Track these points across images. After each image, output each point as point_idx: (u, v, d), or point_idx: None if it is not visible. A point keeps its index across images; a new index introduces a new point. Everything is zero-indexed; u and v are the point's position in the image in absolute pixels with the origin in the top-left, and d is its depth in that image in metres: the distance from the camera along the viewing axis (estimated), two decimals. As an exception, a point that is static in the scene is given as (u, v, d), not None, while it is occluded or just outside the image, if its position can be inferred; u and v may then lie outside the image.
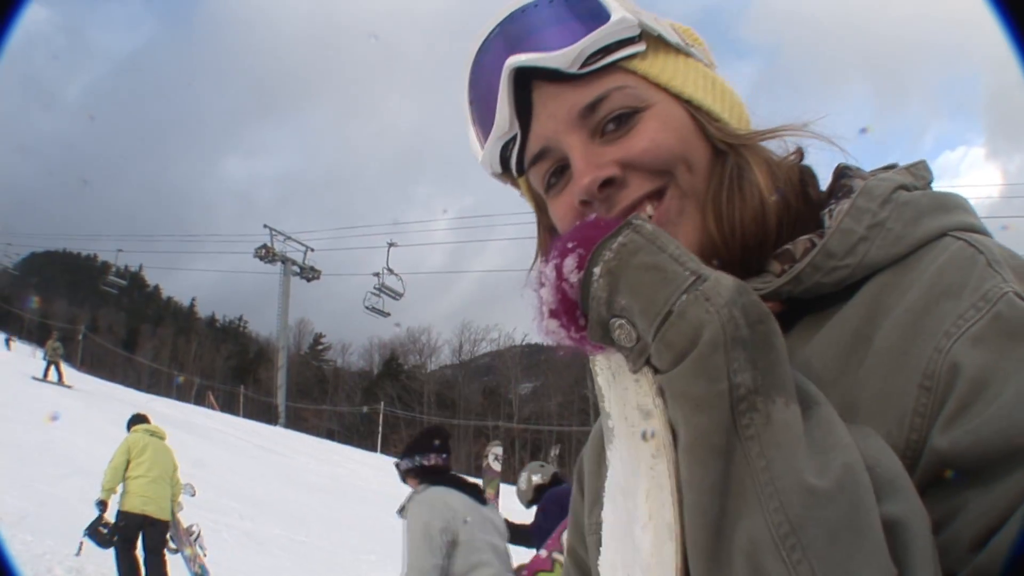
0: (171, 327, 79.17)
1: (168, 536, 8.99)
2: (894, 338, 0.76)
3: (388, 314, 44.47)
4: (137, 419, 9.65)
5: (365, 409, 55.82)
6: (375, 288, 42.92)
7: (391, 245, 43.49)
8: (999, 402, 0.69)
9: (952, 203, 0.86)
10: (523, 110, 0.89)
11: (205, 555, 9.17)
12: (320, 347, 78.50)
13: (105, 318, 77.66)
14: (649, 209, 0.85)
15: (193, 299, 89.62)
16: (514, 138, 0.91)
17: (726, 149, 0.88)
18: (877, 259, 0.80)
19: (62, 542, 9.49)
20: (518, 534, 5.76)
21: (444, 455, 4.66)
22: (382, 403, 52.93)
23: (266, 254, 49.05)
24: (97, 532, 8.59)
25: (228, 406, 45.38)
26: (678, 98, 0.88)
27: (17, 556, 7.23)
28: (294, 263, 49.90)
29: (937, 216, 0.83)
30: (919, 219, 0.82)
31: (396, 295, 43.50)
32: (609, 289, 0.74)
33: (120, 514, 8.76)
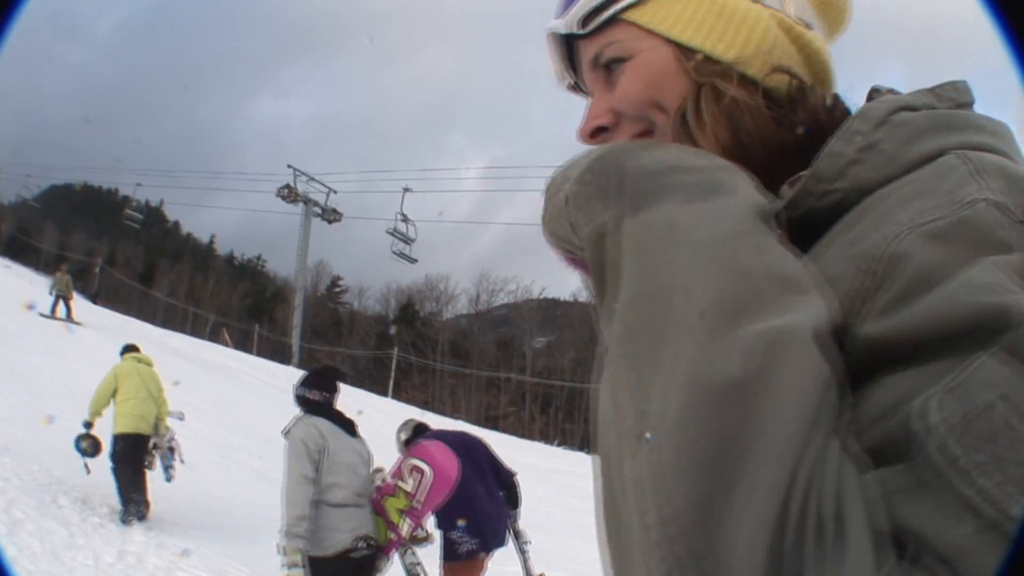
0: (189, 263, 79.45)
1: (151, 449, 9.43)
2: (853, 233, 0.72)
3: (414, 260, 44.61)
4: (128, 348, 10.18)
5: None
6: (388, 231, 42.96)
7: (406, 191, 43.53)
8: (943, 290, 0.62)
9: (962, 122, 0.80)
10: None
11: (180, 462, 9.63)
12: (337, 289, 78.69)
13: (123, 252, 77.90)
14: None
15: (213, 236, 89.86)
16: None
17: (701, 84, 0.89)
18: (868, 181, 0.77)
19: (69, 473, 9.54)
20: None
21: (327, 393, 5.65)
22: (395, 348, 53.09)
23: (288, 194, 48.97)
24: (82, 444, 9.27)
25: (242, 344, 45.64)
26: (668, 40, 0.91)
27: (24, 486, 7.26)
28: (316, 204, 49.79)
29: (938, 135, 0.78)
30: (915, 139, 0.78)
31: (408, 241, 43.52)
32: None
33: (115, 438, 9.26)
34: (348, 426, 5.60)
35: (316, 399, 5.59)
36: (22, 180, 72.40)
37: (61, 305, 25.29)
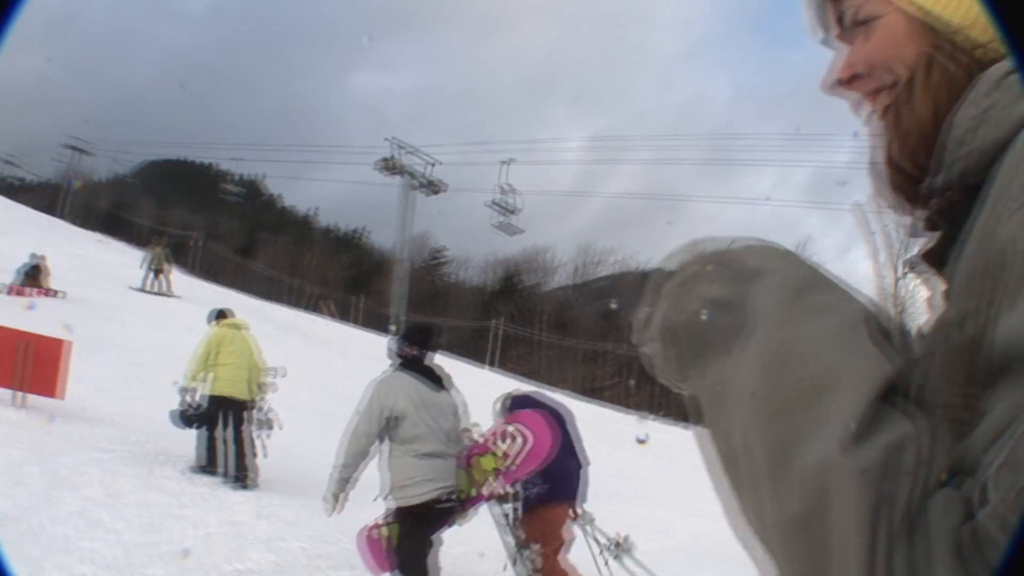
0: (290, 236, 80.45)
1: (249, 413, 9.66)
2: (979, 227, 0.72)
3: (520, 230, 44.65)
4: (220, 314, 10.34)
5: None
6: (491, 203, 42.95)
7: (509, 162, 43.26)
8: None
9: None
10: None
11: (269, 436, 9.75)
12: (440, 260, 78.81)
13: (223, 226, 79.26)
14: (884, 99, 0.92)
15: (313, 209, 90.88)
16: None
17: (933, 50, 0.89)
18: (995, 141, 0.76)
19: (172, 443, 9.76)
20: None
21: (421, 349, 5.84)
22: (497, 320, 53.21)
23: (390, 166, 48.97)
24: (183, 414, 9.47)
25: (344, 315, 46.14)
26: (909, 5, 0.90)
27: (128, 457, 7.40)
28: (417, 176, 49.79)
29: None
30: (1020, 99, 0.75)
31: (511, 212, 43.38)
32: None
33: (210, 399, 9.52)
34: (437, 381, 5.77)
35: (410, 353, 5.81)
36: (117, 157, 73.98)
37: (152, 278, 25.12)
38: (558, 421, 6.25)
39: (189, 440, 9.61)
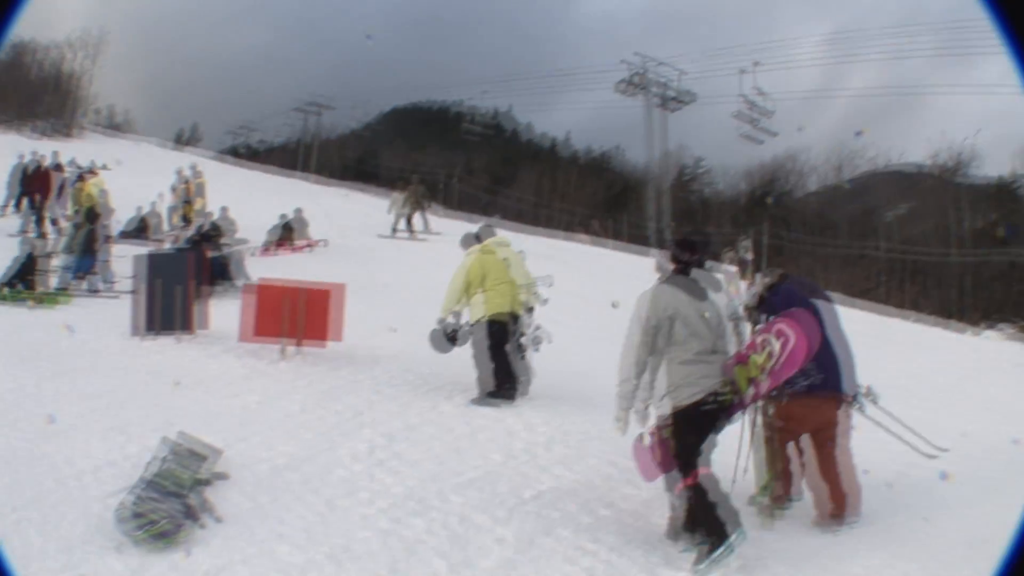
0: (542, 164, 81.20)
1: (519, 326, 9.44)
2: None
3: (773, 134, 43.28)
4: (475, 239, 9.89)
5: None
6: (742, 112, 41.75)
7: (755, 65, 41.78)
8: None
9: None
10: None
11: (537, 348, 9.52)
12: (694, 173, 77.46)
13: (474, 163, 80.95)
14: None
15: (560, 135, 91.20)
16: None
17: None
18: None
19: (459, 373, 9.74)
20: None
21: (689, 255, 5.78)
22: (752, 229, 51.79)
23: (635, 82, 48.23)
24: (445, 333, 9.47)
25: (604, 237, 46.08)
26: None
27: (416, 391, 7.15)
28: (662, 90, 48.78)
29: None
30: None
31: (761, 117, 41.89)
32: None
33: (488, 321, 9.22)
34: (703, 288, 5.70)
35: (682, 260, 5.79)
36: (353, 110, 76.26)
37: (404, 222, 24.87)
38: (816, 318, 6.11)
39: (469, 370, 9.48)
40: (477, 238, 9.96)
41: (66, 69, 72.79)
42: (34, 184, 20.31)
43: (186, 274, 11.58)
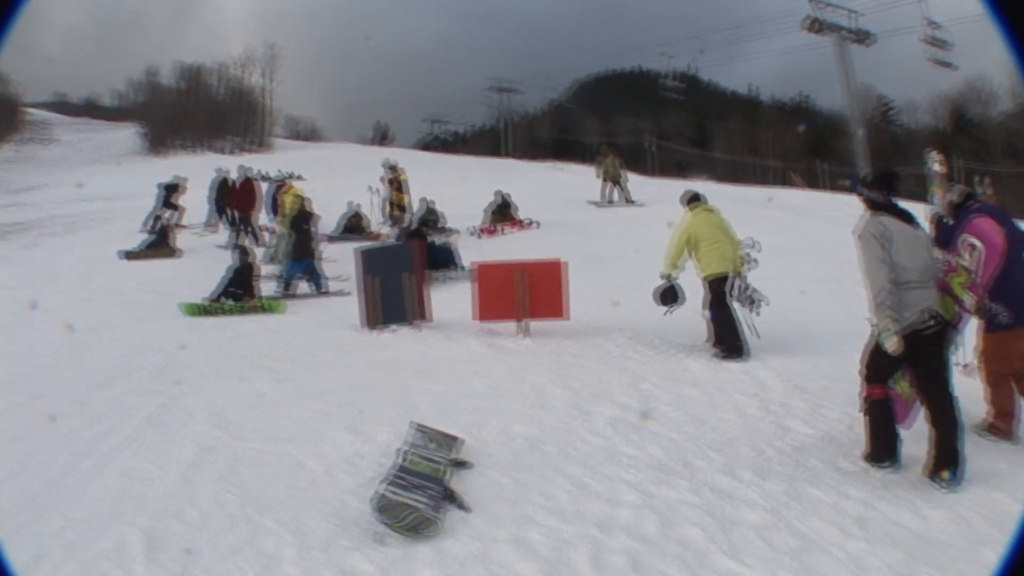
0: (738, 118, 79.61)
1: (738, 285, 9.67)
2: None
3: (952, 65, 41.27)
4: (694, 198, 10.29)
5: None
6: (931, 36, 39.92)
7: None
8: None
9: None
10: None
11: (758, 313, 9.58)
12: (888, 110, 74.44)
13: (670, 124, 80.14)
14: None
15: (752, 86, 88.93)
16: None
17: None
18: None
19: (692, 338, 9.92)
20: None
21: (887, 192, 6.06)
22: (951, 160, 49.38)
23: (814, 25, 47.07)
24: (665, 298, 9.87)
25: (810, 183, 44.64)
26: None
27: (651, 361, 6.87)
28: (846, 30, 47.20)
29: None
30: None
31: (945, 45, 40.03)
32: None
33: (710, 281, 9.63)
34: (908, 217, 6.01)
35: (879, 198, 6.05)
36: (546, 85, 76.70)
37: (610, 188, 24.77)
38: (1002, 219, 6.50)
39: (695, 335, 9.72)
40: (696, 197, 10.31)
41: (247, 85, 77.51)
42: (238, 196, 21.16)
43: (413, 263, 11.65)
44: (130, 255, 19.23)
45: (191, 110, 74.98)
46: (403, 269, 11.53)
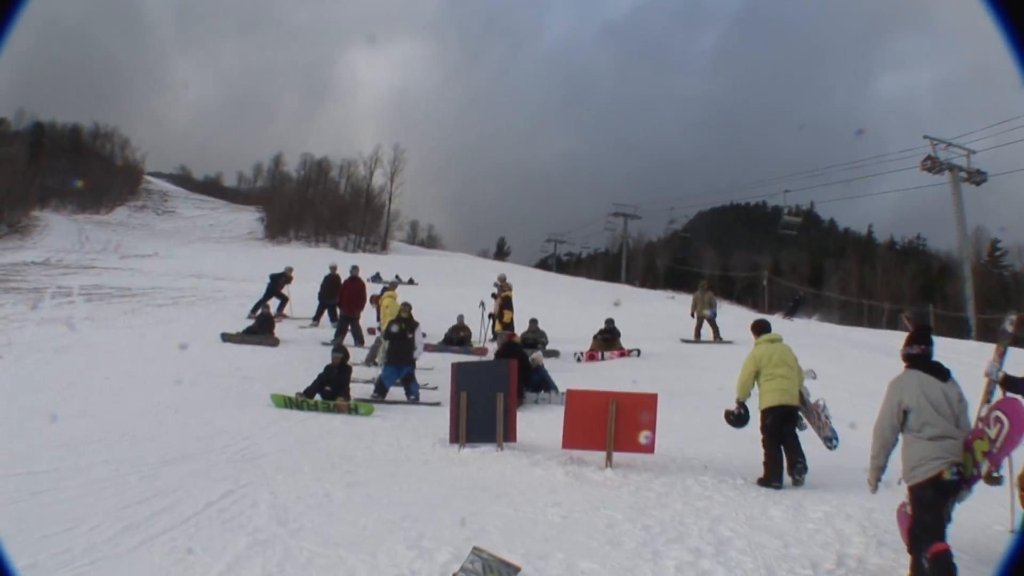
0: (853, 257, 78.61)
1: (799, 415, 10.23)
2: None
3: None
4: (762, 327, 10.76)
5: None
6: None
7: None
8: None
9: None
10: None
11: (829, 420, 10.23)
12: (998, 253, 72.78)
13: (786, 260, 79.51)
14: None
15: (869, 225, 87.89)
16: None
17: None
18: None
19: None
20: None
21: (924, 346, 6.50)
22: None
23: (932, 165, 46.73)
24: (735, 420, 10.34)
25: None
26: None
27: (728, 502, 6.93)
28: (961, 169, 46.62)
29: None
30: None
31: None
32: None
33: (762, 412, 10.08)
34: (941, 373, 6.38)
35: (915, 352, 6.52)
36: (667, 214, 77.15)
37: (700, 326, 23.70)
38: None
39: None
40: (762, 327, 10.77)
41: (374, 185, 79.94)
42: (345, 294, 21.47)
43: (507, 381, 11.43)
44: (228, 338, 19.60)
45: (312, 202, 77.55)
46: (496, 388, 11.32)
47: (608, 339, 21.48)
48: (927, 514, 6.10)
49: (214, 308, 25.44)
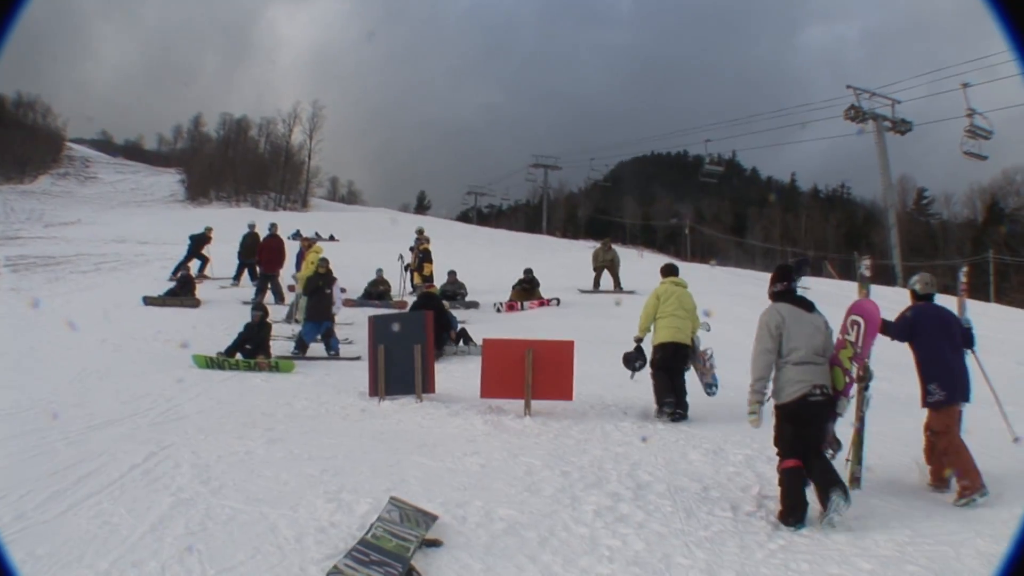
0: (776, 206, 79.76)
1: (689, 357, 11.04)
2: None
3: (985, 157, 41.37)
4: (669, 270, 11.67)
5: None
6: (966, 130, 40.00)
7: (965, 86, 40.25)
8: None
9: None
10: None
11: (713, 368, 11.04)
12: (924, 202, 74.54)
13: (708, 208, 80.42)
14: None
15: (792, 174, 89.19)
16: None
17: None
18: None
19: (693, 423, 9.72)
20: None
21: (785, 283, 7.20)
22: (990, 251, 49.37)
23: (855, 115, 47.50)
24: (630, 360, 11.13)
25: (845, 273, 44.35)
26: None
27: (646, 445, 7.88)
28: (884, 119, 47.46)
29: None
30: None
31: (987, 134, 40.18)
32: None
33: (654, 347, 10.94)
34: (805, 305, 7.13)
35: (779, 289, 7.21)
36: (588, 165, 77.56)
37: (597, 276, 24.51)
38: (932, 317, 7.91)
39: (701, 427, 9.74)
40: (670, 271, 11.68)
41: (293, 143, 79.05)
42: (264, 253, 21.42)
43: (424, 333, 11.53)
44: (150, 301, 19.39)
45: (233, 162, 76.36)
46: (413, 340, 11.42)
47: (527, 289, 21.73)
48: (786, 431, 6.90)
49: (137, 272, 25.06)
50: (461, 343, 15.46)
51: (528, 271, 22.18)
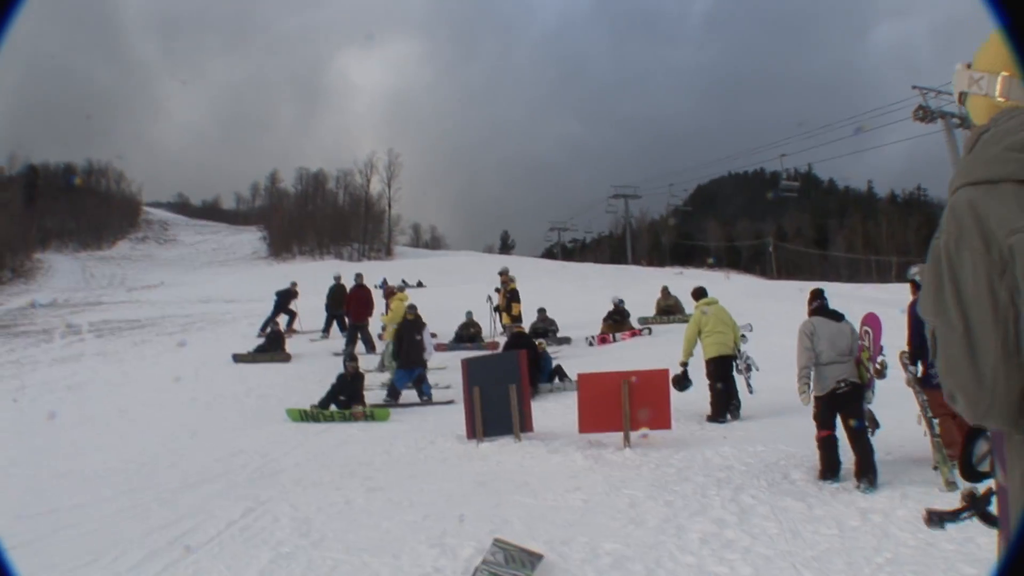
0: (856, 214, 78.31)
1: (736, 363, 12.23)
2: None
3: None
4: (699, 293, 13.15)
5: None
6: None
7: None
8: None
9: None
10: None
11: (756, 369, 12.12)
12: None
13: (790, 224, 79.25)
14: None
15: (869, 181, 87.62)
16: None
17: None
18: None
19: (798, 443, 9.41)
20: None
21: (819, 302, 9.02)
22: None
23: (924, 115, 46.32)
24: (678, 382, 11.71)
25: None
26: None
27: (749, 470, 6.93)
28: (952, 116, 46.26)
29: None
30: None
31: None
32: None
33: (706, 362, 12.15)
34: (835, 317, 8.83)
35: (814, 306, 9.01)
36: (666, 190, 76.85)
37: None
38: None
39: (801, 447, 9.30)
40: (700, 294, 13.15)
41: (372, 192, 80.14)
42: (352, 303, 21.50)
43: (518, 372, 11.38)
44: (240, 358, 19.62)
45: (313, 215, 77.69)
46: (508, 379, 11.29)
47: (618, 320, 21.45)
48: (822, 411, 8.46)
49: (224, 331, 25.44)
50: (556, 380, 15.26)
51: (619, 302, 21.93)
